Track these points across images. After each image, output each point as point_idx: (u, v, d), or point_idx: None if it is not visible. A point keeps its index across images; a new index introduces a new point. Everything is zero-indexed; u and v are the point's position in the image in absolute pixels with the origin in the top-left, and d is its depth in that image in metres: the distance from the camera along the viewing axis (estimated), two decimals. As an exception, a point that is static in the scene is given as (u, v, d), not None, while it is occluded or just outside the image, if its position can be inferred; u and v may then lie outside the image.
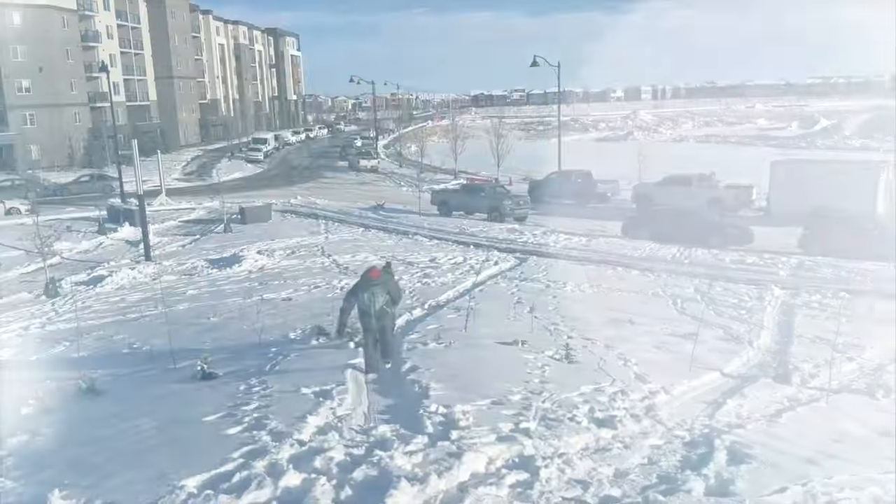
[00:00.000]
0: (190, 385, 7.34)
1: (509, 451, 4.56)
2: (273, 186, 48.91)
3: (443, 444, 4.60)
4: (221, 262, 22.04)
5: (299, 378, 6.47)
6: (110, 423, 5.32)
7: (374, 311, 8.81)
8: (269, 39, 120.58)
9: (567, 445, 4.88)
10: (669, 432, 5.74)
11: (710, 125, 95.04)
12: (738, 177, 36.08)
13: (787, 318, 14.85)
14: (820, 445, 5.97)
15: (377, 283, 9.05)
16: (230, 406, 5.34)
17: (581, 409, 5.85)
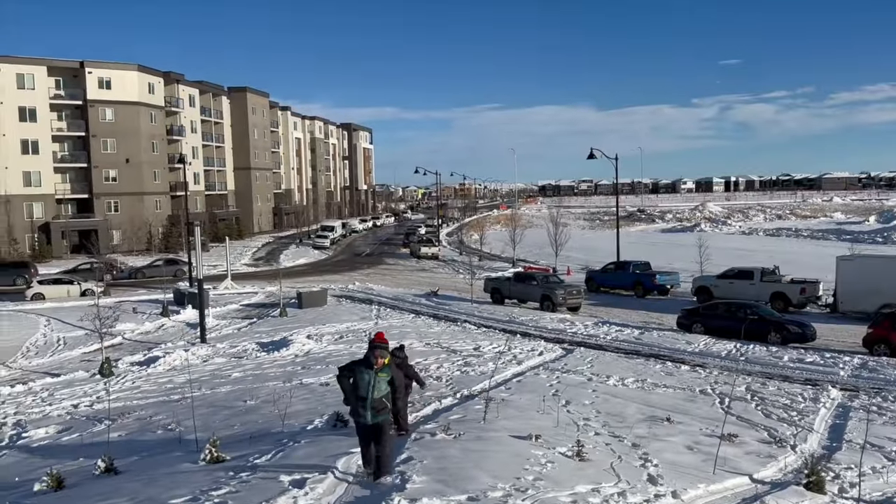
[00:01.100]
0: (193, 468, 7.44)
1: None
2: (335, 272, 50.02)
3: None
4: (270, 346, 22.51)
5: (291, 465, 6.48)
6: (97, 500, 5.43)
7: (370, 400, 7.46)
8: (343, 133, 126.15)
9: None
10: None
11: (782, 218, 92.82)
12: (807, 271, 34.91)
13: (841, 421, 13.99)
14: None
15: (383, 368, 7.72)
16: (202, 490, 5.39)
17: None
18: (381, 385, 7.63)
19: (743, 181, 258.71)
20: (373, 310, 30.70)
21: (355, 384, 7.65)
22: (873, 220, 79.52)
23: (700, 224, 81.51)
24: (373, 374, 7.62)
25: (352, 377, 7.74)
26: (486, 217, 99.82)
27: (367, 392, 7.52)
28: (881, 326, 21.64)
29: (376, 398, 7.53)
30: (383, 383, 7.67)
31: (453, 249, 65.62)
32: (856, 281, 28.52)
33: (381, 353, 7.78)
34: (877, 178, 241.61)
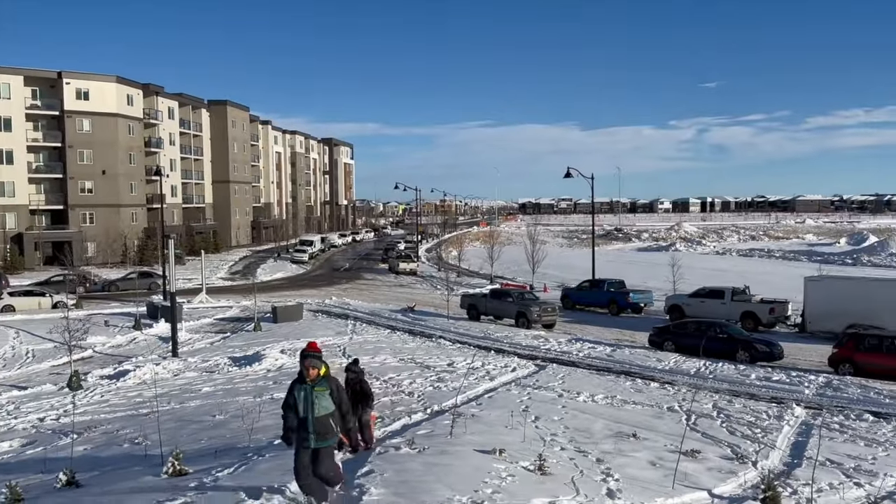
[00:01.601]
0: (154, 481, 7.46)
1: None
2: (312, 286, 49.91)
3: None
4: (243, 361, 22.43)
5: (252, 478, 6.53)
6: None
7: (311, 420, 6.60)
8: (324, 148, 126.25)
9: None
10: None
11: (755, 239, 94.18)
12: (778, 292, 35.48)
13: (803, 438, 14.25)
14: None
15: (319, 382, 6.83)
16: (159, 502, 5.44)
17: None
18: (322, 401, 6.72)
19: (719, 202, 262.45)
20: (348, 325, 30.68)
21: (295, 404, 6.82)
22: (844, 242, 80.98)
23: (675, 243, 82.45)
24: (308, 389, 6.77)
25: (291, 398, 6.89)
26: (465, 234, 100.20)
27: (307, 411, 6.66)
28: (846, 347, 22.08)
29: (318, 417, 6.65)
30: (324, 399, 6.75)
31: (432, 265, 65.77)
32: (823, 301, 29.09)
33: (312, 363, 6.81)
34: (849, 201, 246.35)
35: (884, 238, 68.69)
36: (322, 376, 6.92)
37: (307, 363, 6.88)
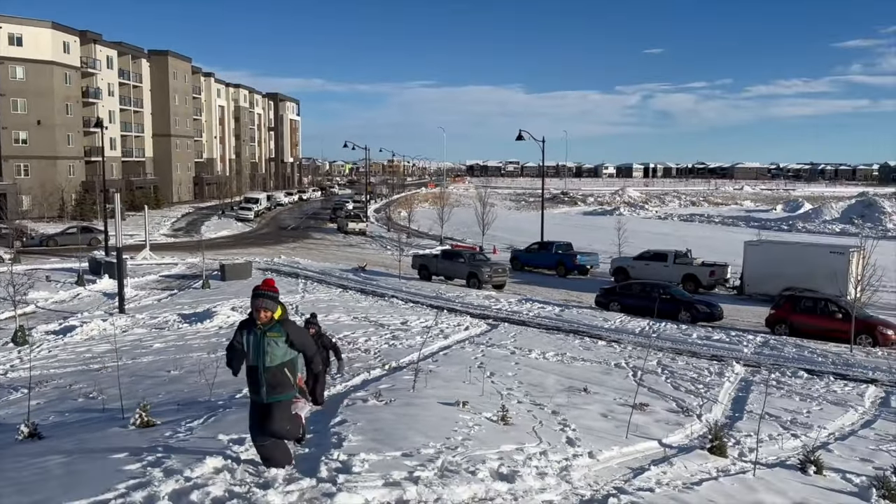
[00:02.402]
0: (123, 431, 7.46)
1: (389, 495, 4.70)
2: (260, 245, 49.28)
3: (323, 486, 4.75)
4: (193, 318, 22.19)
5: (226, 427, 6.60)
6: (23, 461, 5.43)
7: (261, 371, 5.64)
8: (269, 103, 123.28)
9: (452, 494, 5.02)
10: (572, 490, 5.88)
11: (696, 204, 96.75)
12: (717, 256, 36.69)
13: (743, 394, 15.02)
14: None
15: (272, 326, 5.71)
16: (143, 448, 5.48)
17: (487, 464, 5.98)
18: (275, 350, 5.68)
19: (661, 168, 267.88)
20: (299, 283, 30.54)
21: (242, 350, 5.86)
22: (780, 208, 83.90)
23: (619, 208, 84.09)
24: (259, 335, 5.69)
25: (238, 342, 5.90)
26: (414, 195, 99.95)
27: (257, 359, 5.67)
28: (782, 308, 23.16)
29: (269, 367, 5.64)
30: (277, 347, 5.69)
31: (381, 226, 65.57)
32: (761, 265, 30.27)
33: (264, 304, 5.69)
34: (785, 170, 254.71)
35: (818, 206, 71.49)
36: (277, 320, 5.76)
37: (258, 304, 5.72)
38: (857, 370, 17.74)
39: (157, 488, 4.44)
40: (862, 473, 9.37)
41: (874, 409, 14.14)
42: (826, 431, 12.25)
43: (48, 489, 4.45)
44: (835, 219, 64.01)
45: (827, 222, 63.36)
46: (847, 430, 12.45)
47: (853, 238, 53.43)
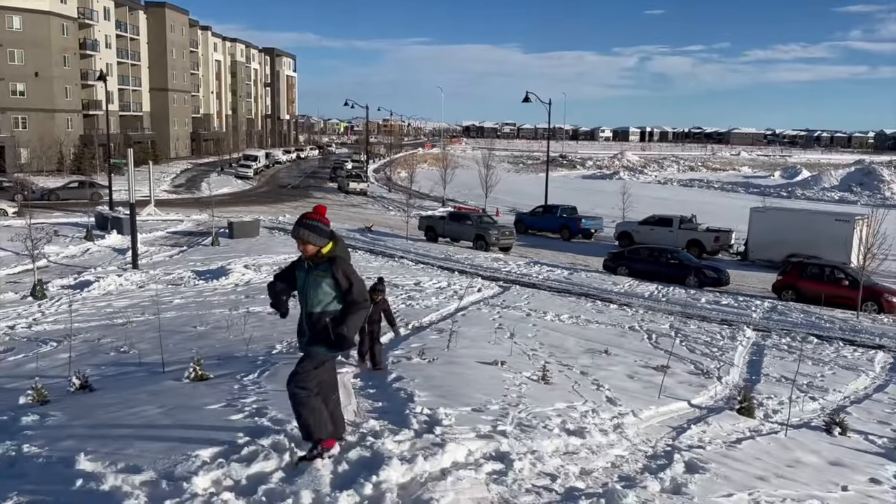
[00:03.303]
0: (184, 384, 7.67)
1: (487, 447, 4.94)
2: (261, 203, 49.23)
3: (428, 437, 4.98)
4: (208, 275, 22.33)
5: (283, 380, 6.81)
6: (114, 410, 5.61)
7: (304, 314, 4.86)
8: (266, 58, 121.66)
9: (539, 446, 5.27)
10: (634, 446, 6.15)
11: (694, 170, 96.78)
12: (717, 221, 36.98)
13: (757, 357, 15.38)
14: (772, 468, 6.40)
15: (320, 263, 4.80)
16: (229, 399, 5.65)
17: (553, 421, 6.25)
18: (319, 292, 4.78)
19: (657, 132, 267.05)
20: (307, 242, 30.64)
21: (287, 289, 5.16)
22: (778, 175, 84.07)
23: (619, 172, 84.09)
24: (303, 272, 4.88)
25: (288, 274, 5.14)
26: (412, 155, 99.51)
27: (303, 301, 4.87)
28: (790, 274, 23.50)
29: (311, 312, 4.81)
30: (322, 290, 4.78)
31: (381, 186, 65.45)
32: (766, 231, 30.59)
33: (304, 235, 4.80)
34: (781, 136, 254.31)
35: (817, 173, 71.71)
36: (326, 257, 4.84)
37: (297, 234, 4.84)
38: (864, 336, 18.15)
39: (279, 437, 4.63)
40: (883, 435, 9.72)
41: (885, 374, 14.53)
42: (841, 395, 12.63)
43: (169, 436, 4.63)
44: (833, 186, 64.31)
45: (826, 190, 63.67)
46: (861, 395, 12.83)
47: (853, 206, 53.87)
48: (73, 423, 5.13)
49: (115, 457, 4.16)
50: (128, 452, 4.27)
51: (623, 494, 4.21)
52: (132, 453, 4.26)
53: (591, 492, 4.40)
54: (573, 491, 4.42)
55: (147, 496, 3.71)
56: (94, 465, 4.05)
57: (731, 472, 5.66)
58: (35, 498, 3.73)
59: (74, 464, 4.06)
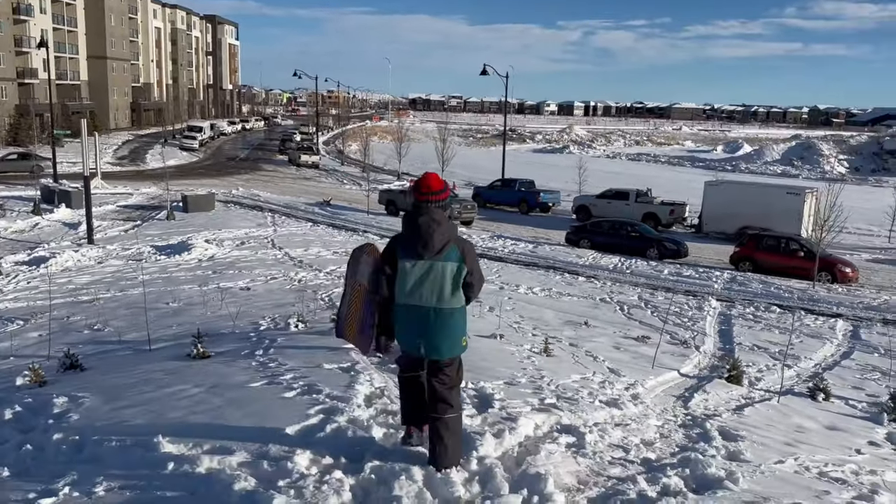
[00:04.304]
0: (190, 362, 7.44)
1: (549, 419, 4.96)
2: (211, 176, 47.99)
3: (492, 412, 4.98)
4: (169, 250, 21.72)
5: (308, 357, 6.67)
6: (147, 390, 5.37)
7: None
8: (207, 26, 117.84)
9: (593, 418, 5.34)
10: (660, 415, 6.30)
11: (640, 144, 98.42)
12: (668, 194, 37.78)
13: (726, 327, 15.87)
14: (786, 434, 6.65)
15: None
16: (264, 377, 5.52)
17: (583, 392, 6.32)
18: (450, 285, 4.07)
19: (601, 106, 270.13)
20: (266, 216, 30.11)
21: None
22: (720, 149, 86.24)
23: (569, 146, 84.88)
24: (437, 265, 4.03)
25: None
26: (361, 127, 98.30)
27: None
28: (747, 246, 24.24)
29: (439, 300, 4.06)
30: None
31: (333, 159, 64.55)
32: (719, 204, 31.41)
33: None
34: (719, 111, 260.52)
35: (759, 147, 73.80)
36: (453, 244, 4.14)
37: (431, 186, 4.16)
38: (822, 305, 18.90)
39: (353, 414, 4.54)
40: (861, 400, 10.17)
41: (847, 342, 15.19)
42: (812, 362, 13.16)
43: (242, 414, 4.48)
44: (775, 160, 66.35)
45: (768, 163, 65.65)
46: (831, 361, 13.39)
47: (795, 179, 55.76)
48: (112, 406, 4.92)
49: (196, 439, 4.01)
50: (205, 433, 4.12)
51: (707, 464, 4.31)
52: (211, 434, 4.12)
53: (668, 462, 4.49)
54: (651, 462, 4.50)
55: (255, 477, 3.60)
56: (178, 448, 3.90)
57: (760, 439, 5.85)
58: (127, 483, 3.57)
59: (156, 447, 3.90)
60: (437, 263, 4.05)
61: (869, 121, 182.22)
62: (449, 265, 4.07)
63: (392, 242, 4.23)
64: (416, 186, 4.24)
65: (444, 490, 3.55)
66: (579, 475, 4.05)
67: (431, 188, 4.20)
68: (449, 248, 4.08)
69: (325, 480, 3.59)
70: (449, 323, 4.10)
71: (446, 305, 4.09)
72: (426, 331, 4.07)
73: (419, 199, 4.19)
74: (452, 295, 4.09)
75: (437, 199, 4.21)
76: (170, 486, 3.50)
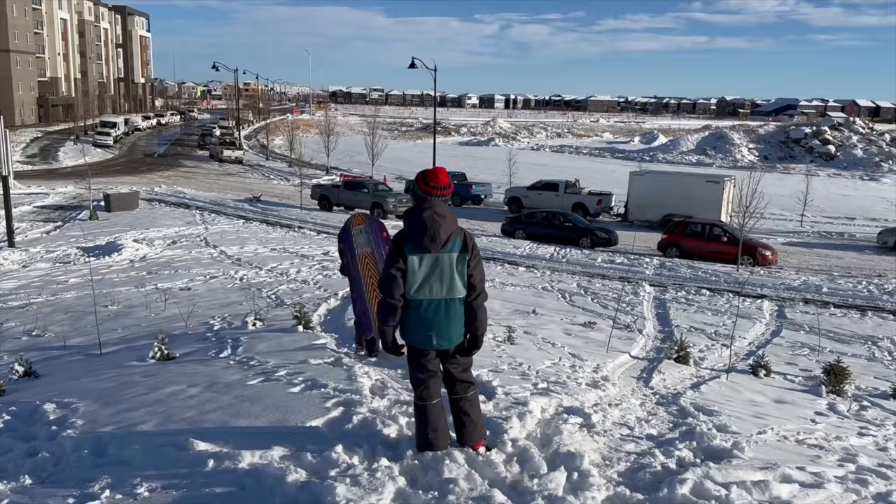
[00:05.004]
0: (158, 366, 7.28)
1: (552, 402, 5.15)
2: (130, 173, 46.29)
3: (500, 397, 5.12)
4: (98, 251, 20.93)
5: (285, 354, 6.64)
6: (141, 392, 5.22)
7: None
8: (116, 17, 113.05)
9: (588, 399, 5.57)
10: (635, 394, 6.61)
11: (561, 136, 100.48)
12: (592, 185, 38.86)
13: (662, 311, 16.56)
14: (748, 409, 7.08)
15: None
16: (257, 374, 5.46)
17: (562, 377, 6.56)
18: (458, 275, 4.18)
19: (521, 99, 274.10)
20: (194, 214, 29.34)
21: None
22: (637, 140, 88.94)
23: (494, 139, 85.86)
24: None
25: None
26: (282, 120, 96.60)
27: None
28: (674, 233, 25.27)
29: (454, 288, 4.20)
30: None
31: (258, 154, 63.22)
32: (644, 194, 32.56)
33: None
34: (633, 103, 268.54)
35: (675, 138, 76.58)
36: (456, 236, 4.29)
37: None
38: (748, 287, 19.92)
39: (371, 404, 4.57)
40: (797, 375, 10.86)
41: (775, 321, 16.11)
42: (746, 341, 13.91)
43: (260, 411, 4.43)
44: (690, 150, 69.04)
45: (683, 153, 68.24)
46: (763, 340, 14.18)
47: (709, 168, 58.22)
48: (113, 410, 4.79)
49: (225, 436, 3.97)
50: (230, 430, 4.09)
51: (711, 437, 4.59)
52: (236, 431, 4.09)
53: (671, 436, 4.75)
54: (655, 437, 4.75)
55: (303, 468, 3.60)
56: (211, 446, 3.84)
57: (731, 412, 6.23)
58: (169, 482, 3.51)
59: (189, 446, 3.84)
60: (444, 255, 4.16)
61: (772, 111, 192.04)
62: (455, 255, 4.19)
63: (398, 239, 4.27)
64: (424, 180, 4.30)
65: (489, 471, 3.71)
66: (601, 452, 4.26)
67: (440, 183, 4.28)
68: (453, 240, 4.21)
69: (374, 468, 3.66)
70: (459, 311, 4.25)
71: (456, 295, 4.21)
72: (438, 322, 4.17)
73: (426, 192, 4.24)
74: (461, 284, 4.22)
75: (444, 193, 4.29)
76: (216, 482, 3.49)
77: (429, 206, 4.20)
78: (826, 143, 64.79)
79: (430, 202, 4.21)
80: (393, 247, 4.24)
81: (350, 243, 7.05)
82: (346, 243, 7.14)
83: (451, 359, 4.29)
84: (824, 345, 13.51)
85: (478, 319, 4.30)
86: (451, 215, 4.28)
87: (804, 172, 47.47)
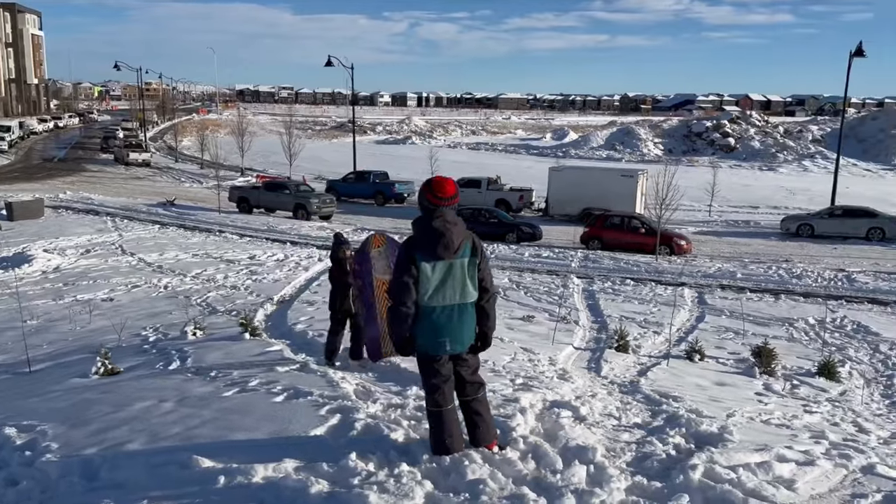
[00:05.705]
0: (106, 382, 6.94)
1: (536, 397, 5.22)
2: (29, 180, 43.75)
3: (489, 395, 5.14)
4: (6, 263, 19.72)
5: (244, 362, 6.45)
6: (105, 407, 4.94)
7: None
8: (5, 15, 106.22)
9: (566, 393, 5.68)
10: (595, 384, 6.79)
11: (476, 133, 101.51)
12: (511, 181, 39.54)
13: (592, 302, 17.04)
14: (700, 392, 7.41)
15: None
16: (228, 386, 5.27)
17: (530, 372, 6.66)
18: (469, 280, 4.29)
19: (433, 97, 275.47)
20: (105, 221, 28.04)
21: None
22: (549, 137, 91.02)
23: (411, 137, 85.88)
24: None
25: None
26: (188, 121, 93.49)
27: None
28: (595, 226, 26.04)
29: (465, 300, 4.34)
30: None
31: (166, 156, 60.93)
32: (563, 189, 33.39)
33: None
34: (541, 100, 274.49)
35: (584, 134, 78.75)
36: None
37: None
38: (668, 276, 20.78)
39: (368, 409, 4.49)
40: (728, 358, 11.41)
41: (697, 308, 16.86)
42: (675, 328, 14.49)
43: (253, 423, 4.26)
44: (600, 146, 71.17)
45: (594, 149, 70.27)
46: (689, 326, 14.83)
47: (619, 162, 60.19)
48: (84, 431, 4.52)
49: (227, 451, 3.81)
50: (228, 444, 3.93)
51: (697, 423, 4.77)
52: (236, 445, 3.94)
53: (657, 424, 4.90)
54: (642, 426, 4.89)
55: (323, 478, 3.50)
56: (216, 462, 3.67)
57: (691, 397, 6.50)
58: (180, 502, 3.34)
59: (192, 463, 3.66)
60: (456, 261, 4.24)
61: (672, 106, 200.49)
62: (466, 260, 4.30)
63: (409, 247, 4.33)
64: (431, 191, 4.35)
65: (510, 469, 3.75)
66: (604, 443, 4.37)
67: (447, 193, 4.33)
68: (463, 245, 4.30)
69: (397, 474, 3.62)
70: (471, 315, 4.39)
71: (469, 300, 4.34)
72: (451, 327, 4.27)
73: (435, 204, 4.30)
74: (473, 288, 4.34)
75: (452, 203, 4.37)
76: (230, 499, 3.35)
77: (440, 216, 4.26)
78: (726, 136, 68.16)
79: (440, 211, 4.28)
80: (404, 255, 4.28)
81: (367, 266, 6.85)
82: (363, 266, 6.93)
83: (461, 361, 4.41)
84: (747, 328, 14.23)
85: (490, 319, 4.51)
86: (461, 222, 4.40)
87: (709, 164, 49.83)
